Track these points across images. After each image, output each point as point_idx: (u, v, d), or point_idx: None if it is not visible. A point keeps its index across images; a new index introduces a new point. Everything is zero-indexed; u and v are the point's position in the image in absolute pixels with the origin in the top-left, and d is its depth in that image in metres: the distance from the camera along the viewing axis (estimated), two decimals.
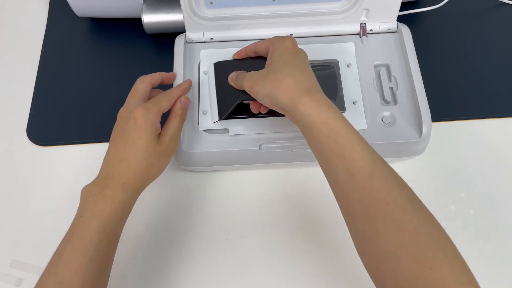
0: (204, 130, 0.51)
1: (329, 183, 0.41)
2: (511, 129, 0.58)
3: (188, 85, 0.51)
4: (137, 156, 0.43)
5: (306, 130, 0.41)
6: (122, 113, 0.45)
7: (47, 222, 0.53)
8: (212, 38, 0.56)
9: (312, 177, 0.54)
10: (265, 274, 0.49)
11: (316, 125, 0.40)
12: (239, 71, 0.49)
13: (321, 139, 0.40)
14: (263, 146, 0.51)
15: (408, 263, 0.34)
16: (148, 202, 0.53)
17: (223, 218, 0.52)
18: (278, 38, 0.47)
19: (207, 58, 0.55)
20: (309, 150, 0.50)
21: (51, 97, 0.61)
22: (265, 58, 0.48)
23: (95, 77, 0.63)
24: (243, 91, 0.47)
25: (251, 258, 0.50)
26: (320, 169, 0.54)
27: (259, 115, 0.52)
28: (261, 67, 0.47)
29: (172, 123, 0.46)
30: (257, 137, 0.51)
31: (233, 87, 0.49)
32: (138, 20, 0.62)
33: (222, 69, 0.53)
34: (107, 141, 0.45)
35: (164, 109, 0.46)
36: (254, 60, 0.51)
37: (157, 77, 0.49)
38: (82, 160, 0.56)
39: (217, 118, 0.51)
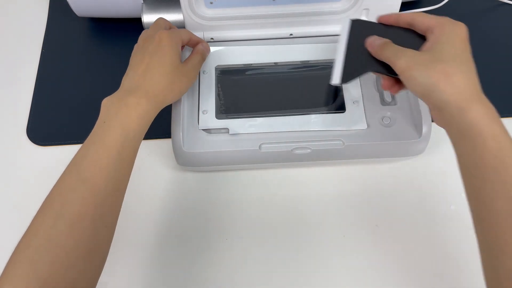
0: (204, 129, 0.51)
1: (469, 200, 0.37)
2: (511, 129, 0.58)
3: (207, 46, 0.54)
4: (162, 70, 0.45)
5: (465, 139, 0.36)
6: (145, 37, 0.48)
7: None
8: (212, 38, 0.56)
9: (312, 177, 0.54)
10: (265, 274, 0.49)
11: (482, 138, 0.35)
12: (385, 39, 0.43)
13: (484, 154, 0.35)
14: (263, 146, 0.51)
15: None
16: (148, 202, 0.53)
17: (223, 218, 0.52)
18: (449, 21, 0.41)
19: (207, 57, 0.55)
20: (309, 150, 0.51)
21: (51, 97, 0.61)
22: (420, 36, 0.42)
23: (95, 77, 0.63)
24: (379, 61, 0.42)
25: (251, 258, 0.50)
26: (319, 169, 0.55)
27: (259, 115, 0.52)
28: (412, 45, 0.41)
29: (194, 57, 0.50)
30: (257, 137, 0.51)
31: (365, 52, 0.43)
32: (138, 20, 0.62)
33: (360, 29, 0.45)
34: None
35: (185, 40, 0.50)
36: (404, 32, 0.44)
37: (174, 26, 0.52)
38: None
39: (338, 81, 0.44)
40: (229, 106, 0.53)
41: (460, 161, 0.37)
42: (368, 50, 0.43)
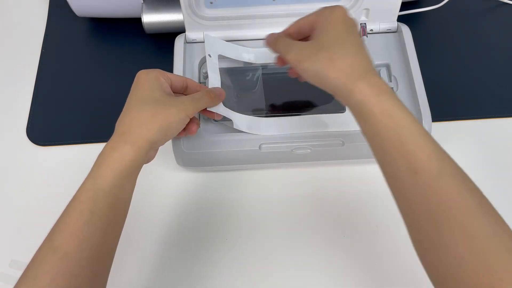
0: (209, 111, 0.50)
1: (384, 176, 0.37)
2: (511, 129, 0.58)
3: (220, 91, 0.49)
4: (139, 104, 0.42)
5: (361, 118, 0.37)
6: None
7: (46, 222, 0.52)
8: None
9: (312, 177, 0.54)
10: (265, 274, 0.49)
11: (374, 115, 0.36)
12: (278, 34, 0.45)
13: (379, 130, 0.36)
14: (263, 146, 0.51)
15: (476, 272, 0.31)
16: (148, 202, 0.53)
17: (223, 218, 0.52)
18: (325, 8, 0.41)
19: (211, 42, 0.54)
20: (309, 150, 0.51)
21: (51, 97, 0.61)
22: None
23: (95, 77, 0.63)
24: None
25: (251, 258, 0.50)
26: (320, 169, 0.55)
27: (260, 115, 0.52)
28: None
29: (196, 92, 0.46)
30: (257, 137, 0.51)
31: None
32: (138, 20, 0.62)
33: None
34: (107, 141, 0.45)
35: (172, 78, 0.46)
36: None
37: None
38: (81, 160, 0.56)
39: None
40: (229, 107, 0.53)
41: (366, 139, 0.38)
42: (267, 46, 0.46)
